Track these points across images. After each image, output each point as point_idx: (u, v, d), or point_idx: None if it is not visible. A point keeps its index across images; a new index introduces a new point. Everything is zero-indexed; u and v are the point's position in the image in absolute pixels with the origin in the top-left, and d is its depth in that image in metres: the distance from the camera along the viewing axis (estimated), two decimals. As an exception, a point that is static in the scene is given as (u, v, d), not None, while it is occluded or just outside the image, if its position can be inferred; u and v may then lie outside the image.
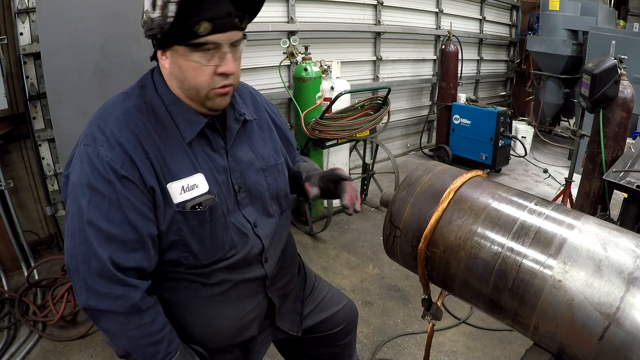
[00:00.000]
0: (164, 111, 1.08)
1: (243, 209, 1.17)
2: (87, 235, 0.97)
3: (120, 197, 0.98)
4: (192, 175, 1.07)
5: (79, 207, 0.98)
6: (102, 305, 0.99)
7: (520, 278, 0.79)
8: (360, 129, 3.59)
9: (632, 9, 8.49)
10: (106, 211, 0.98)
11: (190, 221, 1.06)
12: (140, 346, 1.03)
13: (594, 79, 2.61)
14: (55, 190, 3.15)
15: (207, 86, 1.03)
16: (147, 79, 1.12)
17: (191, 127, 1.08)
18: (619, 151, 2.72)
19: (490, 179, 0.99)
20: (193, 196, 1.06)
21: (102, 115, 1.05)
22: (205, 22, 0.95)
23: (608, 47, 2.83)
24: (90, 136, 1.01)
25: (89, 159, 0.99)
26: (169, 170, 1.04)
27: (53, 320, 2.39)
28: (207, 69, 1.01)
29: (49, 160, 3.11)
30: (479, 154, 5.17)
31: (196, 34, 0.96)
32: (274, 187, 1.25)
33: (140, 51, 2.07)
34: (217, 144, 1.13)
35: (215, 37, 0.98)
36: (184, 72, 1.02)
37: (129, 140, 1.00)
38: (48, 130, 2.99)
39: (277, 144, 1.32)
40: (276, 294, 1.28)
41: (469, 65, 6.51)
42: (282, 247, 1.29)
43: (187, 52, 0.99)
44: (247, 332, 1.23)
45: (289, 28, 4.21)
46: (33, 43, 2.84)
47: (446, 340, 2.49)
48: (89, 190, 0.98)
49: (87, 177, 0.98)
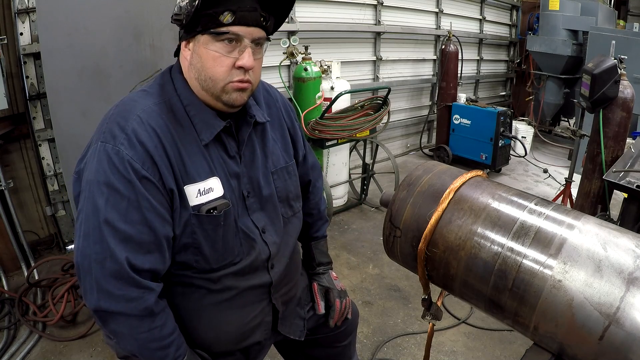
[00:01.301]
0: (182, 111, 1.06)
1: (252, 215, 1.16)
2: (103, 234, 0.94)
3: (140, 198, 0.96)
4: (208, 179, 1.06)
5: (95, 206, 0.95)
6: (114, 307, 0.96)
7: (520, 278, 0.79)
8: (360, 129, 3.59)
9: (632, 9, 8.49)
10: (124, 211, 0.95)
11: (205, 225, 1.05)
12: (149, 349, 1.02)
13: (594, 79, 2.61)
14: (55, 190, 3.15)
15: (223, 78, 1.03)
16: (166, 77, 1.11)
17: (209, 130, 1.07)
18: (619, 151, 2.72)
19: (490, 179, 0.99)
20: (208, 200, 1.05)
21: (121, 112, 1.02)
22: (229, 12, 0.97)
23: (608, 47, 2.83)
24: (109, 133, 0.98)
25: (107, 157, 0.96)
26: (187, 173, 1.03)
27: (53, 320, 2.39)
28: (226, 60, 1.01)
29: (49, 160, 3.11)
30: (479, 154, 5.17)
31: (219, 22, 0.98)
32: (282, 190, 1.24)
33: (140, 51, 2.06)
34: (232, 149, 1.12)
35: (237, 29, 0.99)
36: (203, 61, 1.02)
37: (150, 139, 0.98)
38: (48, 130, 2.99)
39: (288, 144, 1.30)
40: (280, 300, 1.27)
41: (469, 65, 6.51)
42: (290, 254, 1.28)
43: (209, 41, 1.00)
44: (250, 338, 1.22)
45: (289, 28, 4.20)
46: (33, 43, 2.84)
47: (446, 340, 2.49)
48: (107, 189, 0.95)
49: (105, 175, 0.95)
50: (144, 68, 2.04)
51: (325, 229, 1.53)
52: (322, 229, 1.51)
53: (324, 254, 1.51)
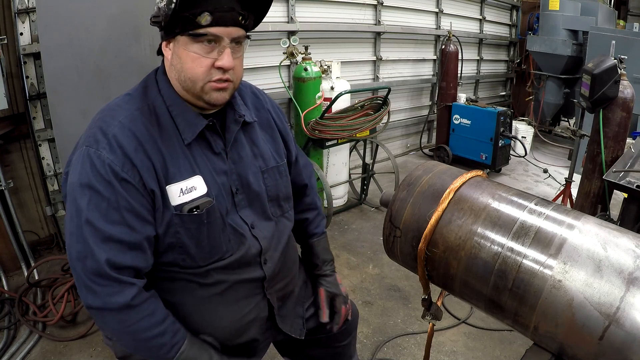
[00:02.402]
0: (165, 112, 1.09)
1: (240, 211, 1.17)
2: (84, 234, 0.98)
3: (120, 199, 0.99)
4: (190, 178, 1.08)
5: (77, 207, 0.99)
6: (99, 302, 0.99)
7: (520, 278, 0.79)
8: (360, 129, 3.59)
9: (632, 9, 8.49)
10: (105, 211, 0.99)
11: (187, 224, 1.06)
12: (144, 341, 1.03)
13: (594, 79, 2.61)
14: (55, 190, 3.15)
15: (203, 78, 1.04)
16: (151, 79, 1.14)
17: (191, 129, 1.09)
18: (619, 151, 2.72)
19: (490, 179, 0.99)
20: (191, 199, 1.06)
21: (104, 118, 1.05)
22: (207, 13, 0.98)
23: (608, 47, 2.83)
24: (92, 138, 1.02)
25: (90, 160, 1.00)
26: (168, 173, 1.05)
27: (53, 320, 2.39)
28: (205, 61, 1.03)
29: (49, 160, 3.11)
30: (479, 154, 5.17)
31: (197, 24, 0.98)
32: (273, 189, 1.25)
33: (140, 51, 2.06)
34: (217, 146, 1.14)
35: (215, 30, 1.00)
36: (183, 62, 1.04)
37: (130, 144, 1.01)
38: (48, 130, 2.99)
39: (279, 145, 1.31)
40: (275, 296, 1.27)
41: (469, 65, 6.50)
42: (282, 249, 1.28)
43: (188, 42, 1.02)
44: (246, 334, 1.23)
45: (289, 28, 4.21)
46: (33, 43, 2.84)
47: (446, 340, 2.49)
48: (88, 191, 0.99)
49: (87, 177, 0.99)
50: (144, 68, 2.04)
51: (324, 224, 1.53)
52: (321, 225, 1.52)
53: (326, 250, 1.50)
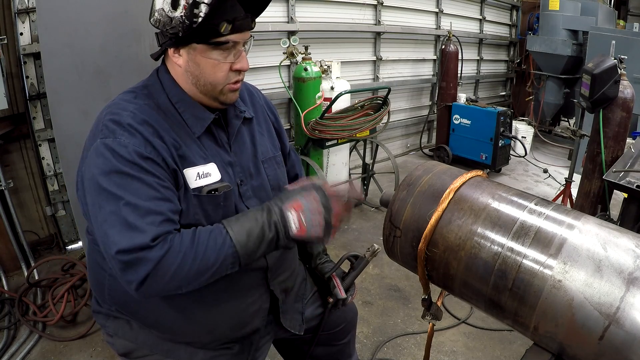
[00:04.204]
0: (171, 109, 1.12)
1: (246, 201, 1.20)
2: (123, 215, 0.95)
3: (149, 176, 1.00)
4: (206, 164, 1.11)
5: (107, 195, 0.97)
6: (148, 233, 0.94)
7: (520, 278, 0.79)
8: (360, 129, 3.59)
9: (632, 9, 8.48)
10: (137, 190, 0.98)
11: (205, 205, 1.09)
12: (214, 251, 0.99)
13: (594, 79, 2.61)
14: (55, 190, 3.15)
15: (223, 82, 1.11)
16: (153, 79, 1.16)
17: (199, 122, 1.13)
18: (619, 151, 2.72)
19: (490, 179, 0.99)
20: (207, 183, 1.10)
21: (114, 111, 1.06)
22: (226, 22, 1.02)
23: (608, 47, 2.83)
24: (106, 130, 1.03)
25: (111, 150, 0.99)
26: (184, 157, 1.08)
27: (53, 320, 2.39)
28: (224, 66, 1.09)
29: (49, 160, 3.11)
30: (479, 154, 5.17)
31: (220, 33, 1.03)
32: (274, 178, 1.30)
33: (140, 51, 2.06)
34: (222, 139, 1.18)
35: (235, 37, 1.06)
36: (202, 68, 1.09)
37: (146, 130, 1.04)
38: (48, 130, 2.99)
39: (274, 138, 1.38)
40: (278, 288, 1.29)
41: (469, 65, 6.51)
42: None
43: (206, 50, 1.06)
44: (248, 325, 1.24)
45: (289, 28, 4.21)
46: (33, 43, 2.84)
47: (446, 340, 2.49)
48: (116, 175, 0.98)
49: (110, 165, 0.98)
50: (144, 68, 2.03)
51: None
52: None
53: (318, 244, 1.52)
